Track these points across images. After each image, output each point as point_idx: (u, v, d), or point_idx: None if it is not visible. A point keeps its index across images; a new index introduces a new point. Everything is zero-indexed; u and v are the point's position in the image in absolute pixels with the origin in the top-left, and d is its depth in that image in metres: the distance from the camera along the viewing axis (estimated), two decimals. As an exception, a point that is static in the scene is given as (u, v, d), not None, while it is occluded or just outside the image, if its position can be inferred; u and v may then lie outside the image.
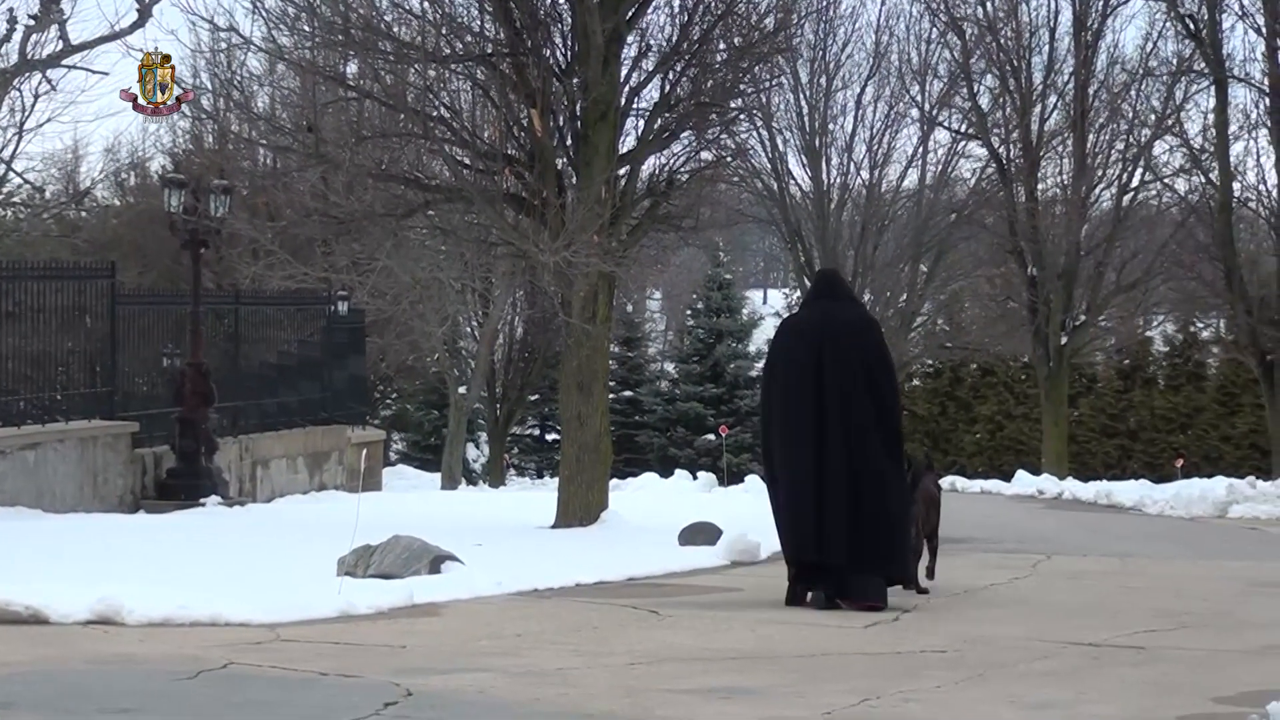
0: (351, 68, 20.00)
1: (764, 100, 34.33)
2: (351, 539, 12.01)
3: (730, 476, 37.56)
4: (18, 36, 29.06)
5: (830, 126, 41.76)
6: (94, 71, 28.37)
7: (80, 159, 42.54)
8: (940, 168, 41.99)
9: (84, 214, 41.49)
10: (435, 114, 17.99)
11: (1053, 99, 40.73)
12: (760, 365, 56.94)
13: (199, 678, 7.81)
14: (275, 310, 28.17)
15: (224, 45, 28.30)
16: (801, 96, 41.31)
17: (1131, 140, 40.02)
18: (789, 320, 11.95)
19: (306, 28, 18.48)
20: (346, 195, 18.48)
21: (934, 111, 41.50)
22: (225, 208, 21.86)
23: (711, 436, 49.78)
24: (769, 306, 71.97)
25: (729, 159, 20.36)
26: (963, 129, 41.64)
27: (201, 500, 20.60)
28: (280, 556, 13.69)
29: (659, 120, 18.38)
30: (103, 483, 20.29)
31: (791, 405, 10.86)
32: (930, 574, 11.94)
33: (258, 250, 24.35)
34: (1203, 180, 37.67)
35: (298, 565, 12.62)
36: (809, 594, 10.85)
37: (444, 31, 17.93)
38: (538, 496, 24.24)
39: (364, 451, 27.59)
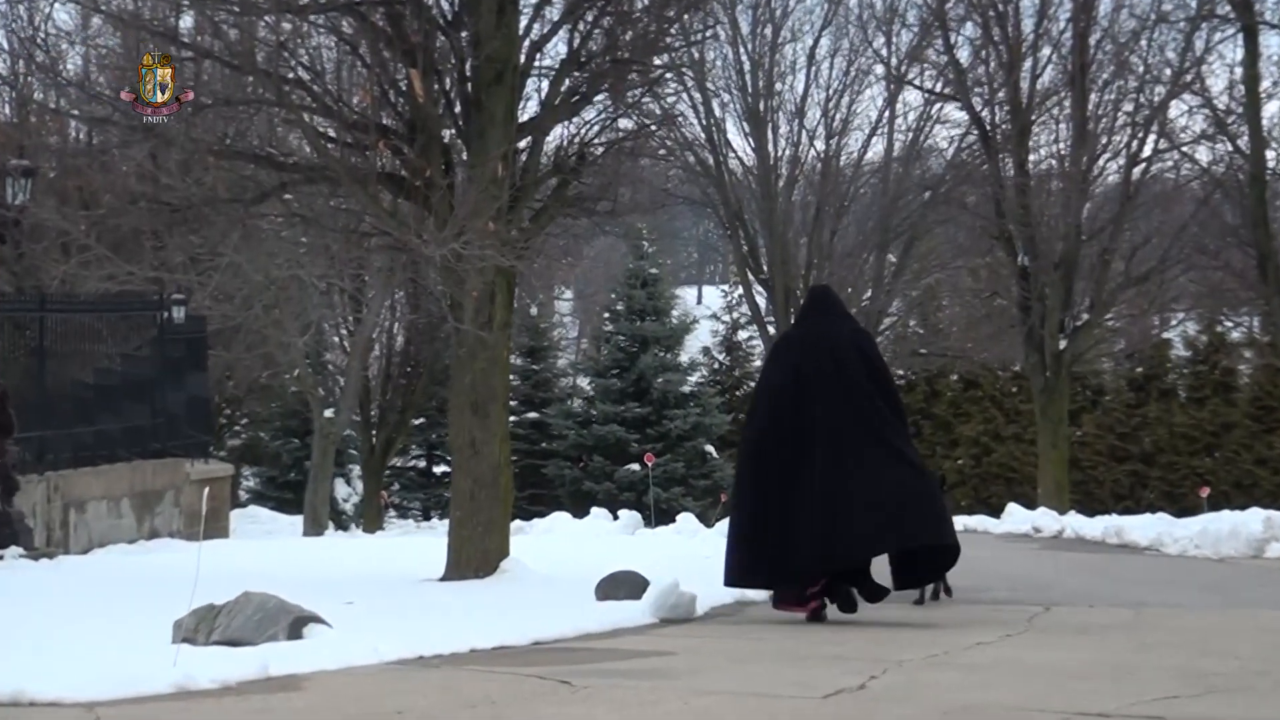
0: (186, 21, 19.93)
1: (695, 56, 34.58)
2: (191, 598, 11.94)
3: (659, 515, 37.64)
4: None
5: (777, 87, 42.05)
6: None
7: None
8: (911, 136, 42.33)
9: None
10: (291, 76, 17.93)
11: (1046, 51, 41.12)
12: (695, 379, 57.66)
13: (1, 773, 7.74)
14: (92, 318, 27.94)
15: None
16: (742, 51, 41.59)
17: (1142, 101, 40.39)
18: (787, 336, 14.71)
19: (129, -30, 18.41)
20: (182, 177, 18.39)
21: (903, 68, 41.84)
22: (26, 193, 21.79)
23: (635, 466, 49.82)
24: (704, 307, 72.20)
25: (653, 128, 20.43)
26: (938, 88, 41.96)
27: None
28: (100, 620, 13.62)
29: (567, 81, 18.41)
30: (-126, 533, 20.07)
31: (819, 415, 13.31)
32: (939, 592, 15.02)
33: (69, 245, 24.20)
34: (1229, 148, 38.07)
35: (122, 630, 12.56)
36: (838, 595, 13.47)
37: (301, -26, 17.89)
38: (423, 542, 24.19)
39: (206, 490, 27.31)
